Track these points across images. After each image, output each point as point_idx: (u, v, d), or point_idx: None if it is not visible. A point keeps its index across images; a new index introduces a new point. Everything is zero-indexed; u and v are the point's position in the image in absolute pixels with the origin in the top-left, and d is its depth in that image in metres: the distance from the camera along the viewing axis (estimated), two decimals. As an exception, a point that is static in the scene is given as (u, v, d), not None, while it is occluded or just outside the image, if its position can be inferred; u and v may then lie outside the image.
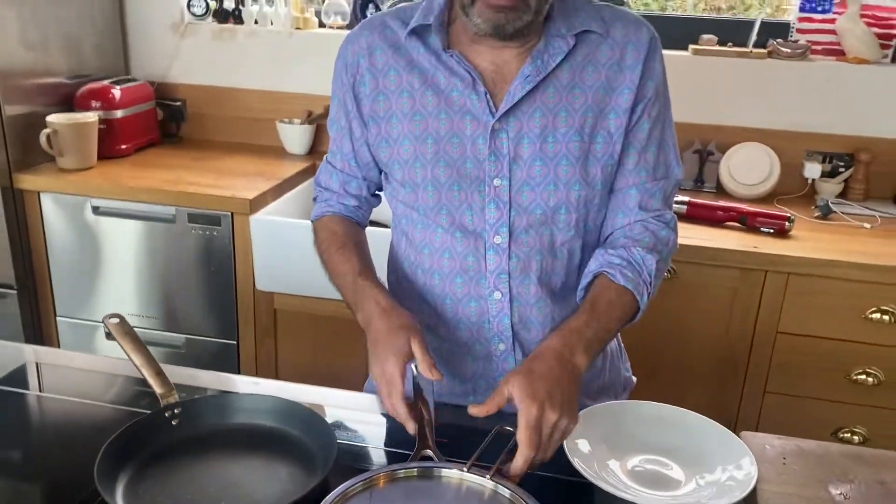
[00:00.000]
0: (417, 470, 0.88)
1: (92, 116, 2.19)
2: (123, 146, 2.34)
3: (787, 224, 1.89)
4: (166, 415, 0.98)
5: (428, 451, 0.92)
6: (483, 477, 0.86)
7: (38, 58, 2.22)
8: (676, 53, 2.25)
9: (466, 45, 1.06)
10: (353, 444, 1.04)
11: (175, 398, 1.00)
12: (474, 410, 0.93)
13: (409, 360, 0.97)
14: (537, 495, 0.83)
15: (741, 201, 2.10)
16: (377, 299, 1.05)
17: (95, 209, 2.12)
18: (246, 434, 1.00)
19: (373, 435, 1.10)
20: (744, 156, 2.20)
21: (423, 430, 0.94)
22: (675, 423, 1.03)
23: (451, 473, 0.88)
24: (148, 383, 1.01)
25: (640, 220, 1.10)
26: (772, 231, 1.89)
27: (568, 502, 0.94)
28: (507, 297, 1.10)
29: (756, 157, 2.19)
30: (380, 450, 1.05)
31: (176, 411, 0.99)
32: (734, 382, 1.90)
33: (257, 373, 2.19)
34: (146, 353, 1.05)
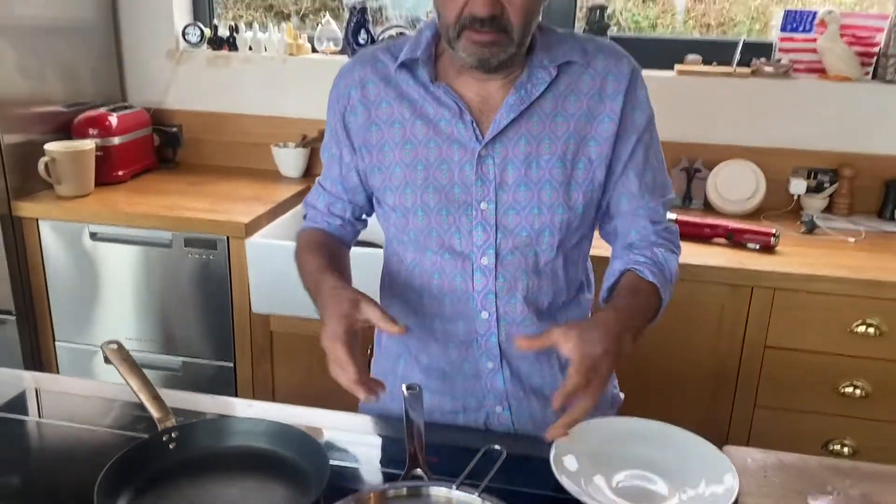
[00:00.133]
0: (407, 489, 0.91)
1: (89, 144, 2.23)
2: (120, 172, 2.37)
3: (773, 240, 1.93)
4: (163, 438, 1.01)
5: (418, 471, 0.95)
6: (472, 495, 0.89)
7: (36, 87, 2.26)
8: (662, 74, 2.30)
9: (453, 77, 1.10)
10: (346, 465, 1.06)
11: (172, 422, 1.02)
12: (524, 343, 0.97)
13: (355, 324, 1.00)
14: (524, 512, 0.86)
15: (729, 218, 2.14)
16: (332, 283, 1.06)
17: (93, 235, 2.15)
18: (241, 456, 1.02)
19: (366, 455, 1.13)
20: (730, 173, 2.24)
21: (413, 449, 0.97)
22: (660, 438, 1.06)
23: (440, 492, 0.91)
24: (145, 408, 1.04)
25: (654, 231, 1.17)
26: (758, 247, 1.93)
27: (555, 518, 0.97)
28: (495, 317, 1.14)
29: (742, 174, 2.24)
30: (372, 470, 1.08)
31: (173, 435, 1.01)
32: (725, 397, 1.93)
33: (254, 394, 2.21)
34: (143, 378, 1.08)
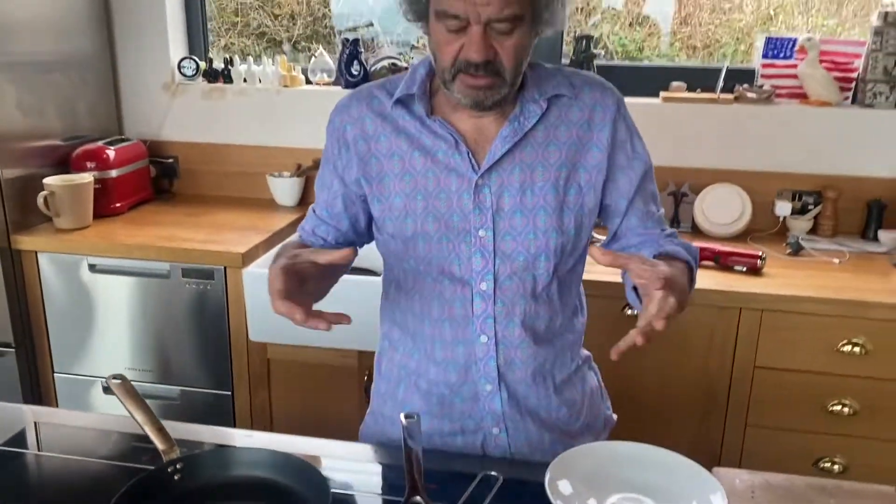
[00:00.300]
0: (407, 515, 0.94)
1: (87, 177, 2.26)
2: (118, 204, 2.41)
3: (760, 262, 1.97)
4: (169, 470, 1.03)
5: (417, 498, 0.97)
6: (469, 520, 0.92)
7: (34, 122, 2.30)
8: (648, 101, 2.35)
9: (449, 112, 1.16)
10: (347, 493, 1.09)
11: (176, 454, 1.05)
12: (603, 259, 0.98)
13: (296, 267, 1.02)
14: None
15: (716, 240, 2.19)
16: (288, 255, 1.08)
17: (92, 267, 2.18)
18: (245, 486, 1.05)
19: (366, 483, 1.16)
20: (717, 196, 2.29)
21: (412, 476, 1.00)
22: (652, 461, 1.09)
23: (439, 517, 0.93)
24: (147, 439, 1.07)
25: (667, 233, 1.23)
26: (745, 269, 1.97)
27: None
28: (493, 341, 1.18)
29: (728, 198, 2.29)
30: (373, 497, 1.11)
31: (178, 466, 1.04)
32: (716, 417, 1.96)
33: (252, 422, 2.23)
34: (148, 411, 1.10)
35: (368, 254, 1.35)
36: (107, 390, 2.28)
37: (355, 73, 2.53)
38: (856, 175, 2.28)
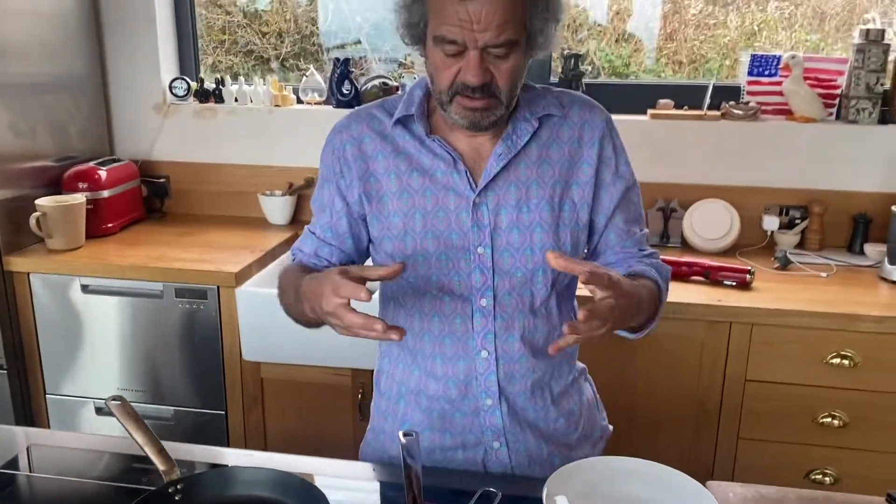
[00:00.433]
0: (408, 532, 0.95)
1: (80, 198, 2.27)
2: (110, 224, 2.41)
3: (749, 277, 2.00)
4: (170, 490, 1.04)
5: (417, 514, 0.98)
6: (469, 536, 0.93)
7: (27, 143, 2.30)
8: (636, 118, 2.39)
9: (447, 131, 1.18)
10: (347, 511, 1.10)
11: (177, 474, 1.06)
12: (556, 263, 0.98)
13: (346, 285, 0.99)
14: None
15: (705, 255, 2.22)
16: (311, 275, 1.09)
17: (84, 288, 2.18)
18: (245, 506, 1.06)
19: (365, 501, 1.16)
20: (705, 211, 2.32)
21: (412, 494, 1.01)
22: (647, 475, 1.10)
23: (440, 534, 0.94)
24: (147, 460, 1.07)
25: (643, 253, 1.25)
26: (734, 284, 2.00)
27: (550, 556, 1.00)
28: (494, 356, 1.19)
29: (716, 213, 2.32)
30: (372, 515, 1.12)
31: (179, 486, 1.05)
32: (708, 431, 1.98)
33: (246, 441, 2.23)
34: (148, 432, 1.11)
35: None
36: (99, 411, 2.27)
37: (346, 92, 2.56)
38: (841, 189, 2.32)
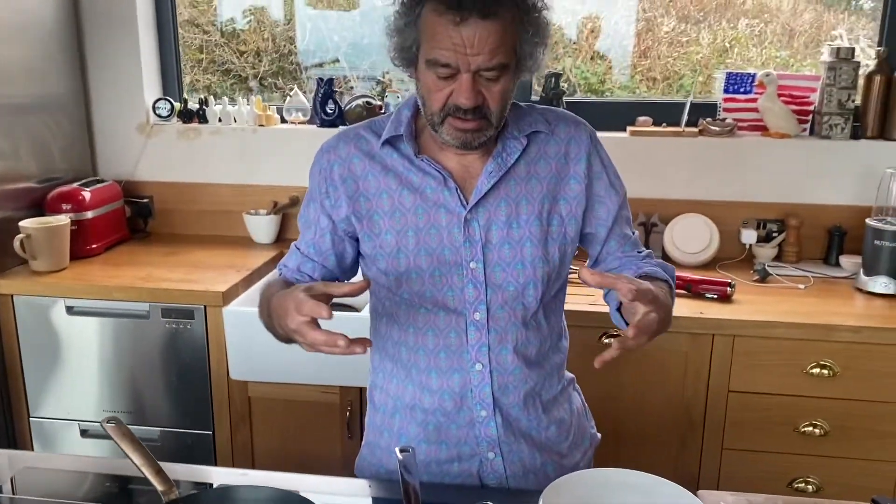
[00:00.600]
0: (409, 547, 0.96)
1: (64, 219, 2.26)
2: (94, 245, 2.40)
3: (729, 289, 2.04)
4: (169, 511, 1.04)
5: (417, 529, 1.00)
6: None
7: (9, 165, 2.29)
8: (616, 135, 2.43)
9: (436, 150, 1.21)
10: (345, 527, 1.11)
11: (176, 494, 1.06)
12: (592, 279, 1.00)
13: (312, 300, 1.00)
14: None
15: (686, 269, 2.26)
16: (283, 291, 1.10)
17: (69, 309, 2.16)
18: (244, 524, 1.06)
19: (361, 517, 1.17)
20: (685, 226, 2.37)
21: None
22: (639, 486, 1.12)
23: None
24: (143, 481, 1.07)
25: (644, 254, 1.30)
26: (716, 297, 2.04)
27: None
28: (488, 368, 1.22)
29: (696, 227, 2.36)
30: (369, 531, 1.13)
31: (178, 507, 1.05)
32: (693, 441, 2.01)
33: (233, 461, 2.22)
34: (145, 452, 1.11)
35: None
36: (84, 433, 2.25)
37: (330, 111, 2.58)
38: (816, 203, 2.38)
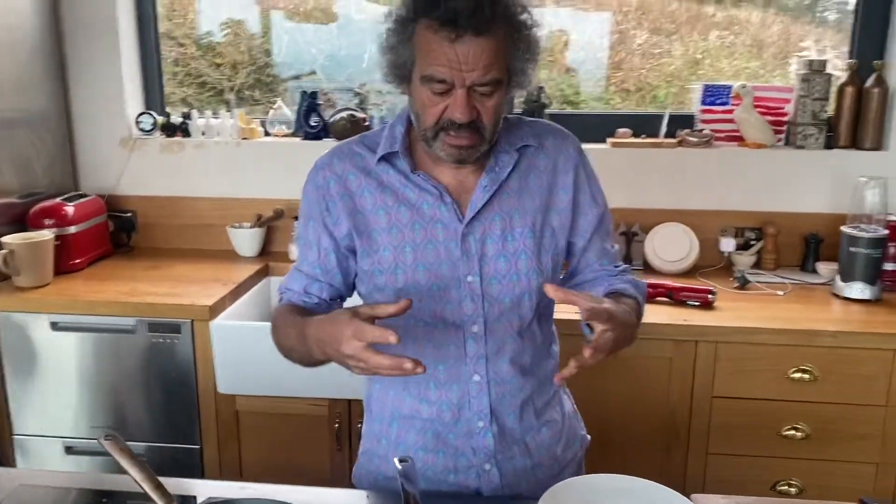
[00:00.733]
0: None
1: (48, 234, 2.24)
2: (77, 260, 2.39)
3: (711, 297, 2.08)
4: (171, 525, 1.05)
5: (419, 538, 1.01)
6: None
7: (-9, 180, 2.28)
8: (597, 146, 2.47)
9: (431, 165, 1.23)
10: (346, 538, 1.12)
11: (177, 509, 1.07)
12: (555, 295, 1.07)
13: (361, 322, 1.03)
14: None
15: (667, 276, 2.30)
16: (319, 318, 1.12)
17: (54, 325, 2.15)
18: (246, 537, 1.07)
19: (361, 527, 1.18)
20: (665, 235, 2.42)
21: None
22: (633, 491, 1.15)
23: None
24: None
25: (619, 269, 1.33)
26: (698, 304, 2.08)
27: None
28: (485, 379, 1.24)
29: (676, 236, 2.41)
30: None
31: (179, 521, 1.06)
32: (678, 446, 2.05)
33: (221, 475, 2.21)
34: (144, 467, 1.11)
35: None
36: (69, 450, 2.23)
37: (314, 124, 2.59)
38: (793, 211, 2.44)
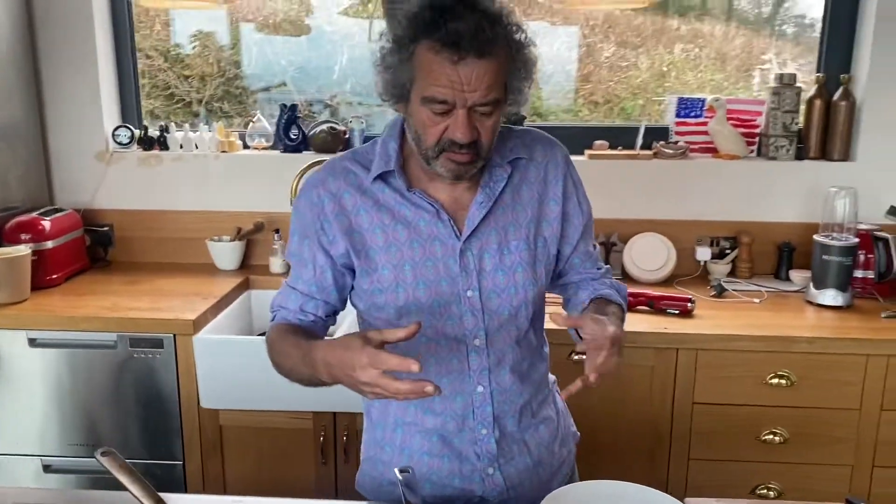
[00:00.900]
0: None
1: (25, 250, 2.21)
2: (55, 276, 2.35)
3: (690, 305, 2.13)
4: (173, 541, 1.05)
5: (423, 548, 1.02)
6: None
7: (-36, 195, 2.24)
8: (574, 158, 2.49)
9: (426, 181, 1.24)
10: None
11: (178, 524, 1.06)
12: (564, 323, 1.16)
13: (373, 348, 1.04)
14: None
15: (646, 286, 2.34)
16: (326, 342, 1.12)
17: (32, 341, 2.11)
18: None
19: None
20: (643, 245, 2.46)
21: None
22: (629, 496, 1.18)
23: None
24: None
25: (602, 272, 1.38)
26: (677, 312, 2.12)
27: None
28: (489, 389, 1.26)
29: (654, 246, 2.46)
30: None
31: (181, 537, 1.05)
32: (661, 452, 2.08)
33: (204, 489, 2.19)
34: (144, 483, 1.12)
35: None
36: (47, 468, 2.20)
37: (294, 137, 2.59)
38: (766, 221, 2.50)
